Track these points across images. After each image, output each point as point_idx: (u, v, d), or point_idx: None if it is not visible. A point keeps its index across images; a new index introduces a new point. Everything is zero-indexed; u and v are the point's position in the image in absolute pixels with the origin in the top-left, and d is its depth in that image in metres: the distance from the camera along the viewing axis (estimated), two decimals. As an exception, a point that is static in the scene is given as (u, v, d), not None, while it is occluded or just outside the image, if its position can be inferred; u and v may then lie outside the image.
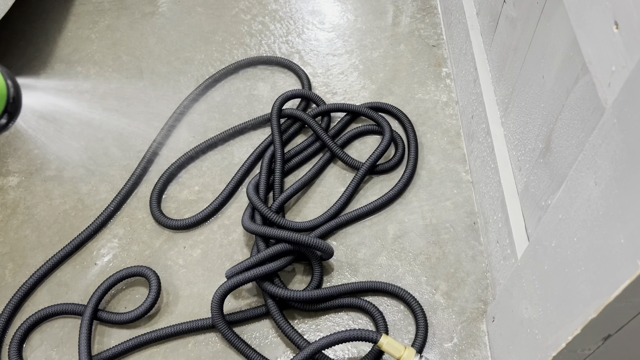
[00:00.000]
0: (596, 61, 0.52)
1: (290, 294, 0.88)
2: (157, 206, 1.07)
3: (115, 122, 1.23)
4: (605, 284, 0.46)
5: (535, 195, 0.76)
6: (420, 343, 0.86)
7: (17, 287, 0.98)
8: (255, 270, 0.89)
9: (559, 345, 0.56)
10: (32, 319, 0.92)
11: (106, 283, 0.94)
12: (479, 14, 1.10)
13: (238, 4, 1.48)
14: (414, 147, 1.09)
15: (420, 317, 0.88)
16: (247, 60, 1.30)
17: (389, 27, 1.39)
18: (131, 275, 0.95)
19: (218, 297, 0.88)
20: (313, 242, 0.89)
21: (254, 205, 0.98)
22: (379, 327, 0.87)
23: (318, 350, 0.83)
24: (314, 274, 0.93)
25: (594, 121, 0.58)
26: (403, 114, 1.15)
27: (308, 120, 1.11)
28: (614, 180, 0.45)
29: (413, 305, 0.90)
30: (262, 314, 0.92)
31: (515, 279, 0.72)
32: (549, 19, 0.72)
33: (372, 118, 1.13)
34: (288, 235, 0.90)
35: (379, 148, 1.07)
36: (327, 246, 0.91)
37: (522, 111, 0.83)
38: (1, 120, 0.48)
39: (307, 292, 0.89)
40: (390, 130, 1.09)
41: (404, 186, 1.05)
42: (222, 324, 0.88)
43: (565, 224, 0.55)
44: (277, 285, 0.90)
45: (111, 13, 1.48)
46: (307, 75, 1.25)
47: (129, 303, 0.96)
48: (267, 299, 0.91)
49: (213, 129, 1.19)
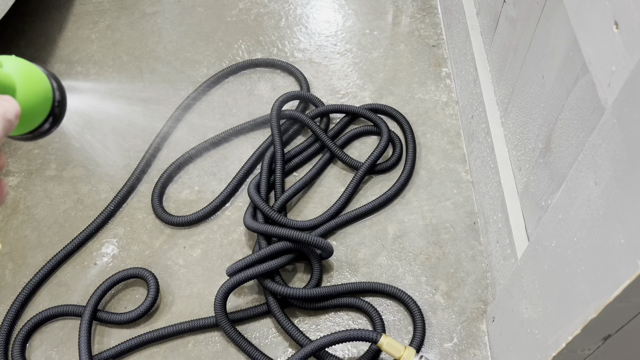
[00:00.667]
0: (596, 61, 0.52)
1: (289, 291, 0.88)
2: (159, 203, 1.07)
3: (115, 122, 1.23)
4: (605, 284, 0.46)
5: (535, 195, 0.76)
6: (419, 341, 0.86)
7: (17, 286, 0.98)
8: (258, 268, 0.89)
9: (559, 345, 0.56)
10: (32, 321, 0.92)
11: (104, 285, 0.94)
12: (479, 14, 1.10)
13: (238, 3, 1.48)
14: (412, 146, 1.10)
15: (417, 316, 0.88)
16: (245, 63, 1.29)
17: (389, 27, 1.39)
18: (129, 277, 0.96)
19: (221, 294, 0.88)
20: (313, 239, 0.90)
21: (255, 204, 0.98)
22: (376, 327, 0.87)
23: (317, 350, 0.83)
24: (313, 272, 0.93)
25: (594, 121, 0.58)
26: (400, 114, 1.15)
27: (307, 122, 1.11)
28: (614, 180, 0.45)
29: (408, 303, 0.90)
30: (263, 312, 0.92)
31: (515, 279, 0.72)
32: (549, 19, 0.72)
33: (369, 119, 1.13)
34: (288, 233, 0.90)
35: (378, 148, 1.07)
36: (326, 244, 0.91)
37: (522, 111, 0.83)
38: (45, 124, 0.46)
39: (303, 290, 0.89)
40: (388, 130, 1.10)
41: (402, 185, 1.05)
42: (226, 321, 0.88)
43: (565, 224, 0.55)
44: (278, 283, 0.91)
45: (111, 13, 1.49)
46: (305, 77, 1.25)
47: (129, 303, 0.96)
48: (268, 296, 0.91)
49: (213, 129, 1.19)
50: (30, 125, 0.45)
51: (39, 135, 0.47)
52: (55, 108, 0.46)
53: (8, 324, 0.92)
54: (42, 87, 0.45)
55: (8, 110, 0.39)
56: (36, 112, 0.45)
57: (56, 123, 0.48)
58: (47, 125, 0.46)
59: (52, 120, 0.46)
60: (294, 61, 1.32)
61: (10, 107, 0.39)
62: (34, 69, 0.45)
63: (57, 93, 0.47)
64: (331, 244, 1.00)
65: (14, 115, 0.40)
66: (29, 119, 0.44)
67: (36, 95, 0.44)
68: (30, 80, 0.44)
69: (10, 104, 0.40)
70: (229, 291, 0.88)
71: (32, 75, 0.45)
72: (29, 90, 0.44)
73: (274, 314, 0.90)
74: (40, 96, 0.45)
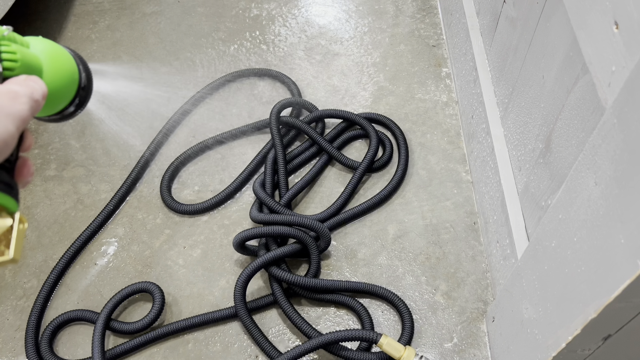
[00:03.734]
0: (596, 61, 0.52)
1: (294, 278, 0.90)
2: (167, 192, 1.09)
3: (116, 122, 1.23)
4: (605, 284, 0.46)
5: (535, 195, 0.76)
6: (408, 335, 0.87)
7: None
8: (273, 252, 0.91)
9: (559, 345, 0.56)
10: (53, 324, 0.92)
11: (114, 299, 0.92)
12: (479, 14, 1.10)
13: (238, 4, 1.48)
14: (404, 148, 1.11)
15: (404, 311, 0.89)
16: (236, 73, 1.28)
17: (389, 27, 1.39)
18: (136, 292, 0.94)
19: (242, 281, 0.90)
20: (314, 224, 0.92)
21: (262, 200, 1.00)
22: (365, 325, 0.88)
23: (316, 348, 0.83)
24: (311, 264, 0.94)
25: (594, 121, 0.58)
26: (389, 120, 1.16)
27: (304, 127, 1.12)
28: (614, 180, 0.45)
29: (394, 301, 0.91)
30: (270, 303, 0.93)
31: (515, 279, 0.72)
32: (549, 19, 0.72)
33: (357, 123, 1.14)
34: (292, 219, 0.93)
35: (370, 150, 1.08)
36: (326, 230, 0.93)
37: (522, 111, 0.83)
38: (70, 107, 0.46)
39: (302, 278, 0.91)
40: (375, 132, 1.11)
41: (399, 181, 1.06)
42: (244, 311, 0.89)
43: (565, 224, 0.55)
44: (283, 269, 0.92)
45: (111, 13, 1.49)
46: (296, 85, 1.24)
47: (135, 309, 0.96)
48: (274, 283, 0.92)
49: (213, 129, 1.19)
50: (56, 107, 0.45)
51: (65, 117, 0.47)
52: (81, 90, 0.46)
53: (34, 324, 0.93)
54: (68, 69, 0.45)
55: (35, 91, 0.39)
56: (62, 93, 0.45)
57: (82, 105, 0.47)
58: (72, 108, 0.46)
59: (77, 102, 0.46)
60: (293, 61, 1.32)
61: (37, 87, 0.39)
62: (62, 50, 0.45)
63: (83, 75, 0.46)
64: (331, 244, 1.00)
65: (41, 96, 0.39)
66: (55, 100, 0.44)
67: (63, 76, 0.44)
68: (58, 61, 0.44)
69: (38, 85, 0.40)
70: (249, 278, 0.90)
71: (59, 56, 0.45)
72: (56, 72, 0.44)
73: (279, 304, 0.91)
74: (67, 78, 0.45)
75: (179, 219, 1.07)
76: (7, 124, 0.36)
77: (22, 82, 0.39)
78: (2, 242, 0.37)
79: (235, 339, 0.91)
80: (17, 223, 0.37)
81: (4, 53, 0.39)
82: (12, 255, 0.37)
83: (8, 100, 0.36)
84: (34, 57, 0.42)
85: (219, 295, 0.96)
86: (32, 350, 0.89)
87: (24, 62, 0.41)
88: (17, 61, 0.40)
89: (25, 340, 0.90)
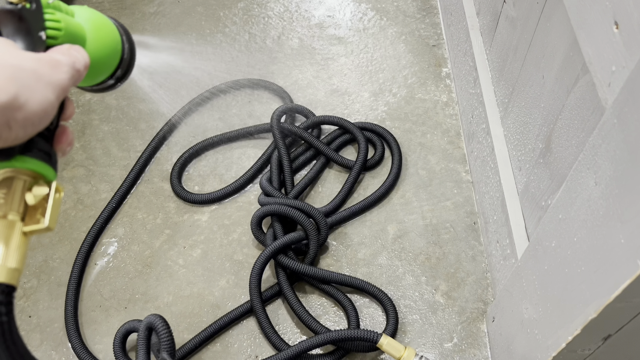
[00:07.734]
0: (596, 61, 0.52)
1: (298, 266, 0.91)
2: (178, 181, 1.10)
3: (115, 122, 1.23)
4: (605, 284, 0.46)
5: (535, 195, 0.76)
6: (392, 326, 0.87)
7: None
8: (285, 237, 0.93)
9: (559, 345, 0.56)
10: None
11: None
12: (479, 14, 1.10)
13: (238, 4, 1.48)
14: (397, 149, 1.11)
15: (387, 304, 0.90)
16: (227, 84, 1.28)
17: (389, 27, 1.39)
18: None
19: (258, 267, 0.91)
20: (314, 211, 0.94)
21: (269, 193, 1.01)
22: (351, 322, 0.88)
23: (315, 347, 0.83)
24: (309, 252, 0.95)
25: (594, 121, 0.58)
26: (377, 125, 1.15)
27: (301, 134, 1.12)
28: (614, 180, 0.45)
29: (376, 294, 0.91)
30: (275, 294, 0.94)
31: (515, 279, 0.72)
32: (549, 19, 0.72)
33: (343, 127, 1.13)
34: (295, 204, 0.95)
35: (360, 149, 1.09)
36: (324, 219, 0.95)
37: (522, 111, 0.83)
38: (110, 80, 0.45)
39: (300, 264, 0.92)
40: (362, 134, 1.10)
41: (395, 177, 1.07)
42: (258, 300, 0.90)
43: (565, 224, 0.55)
44: (290, 258, 0.93)
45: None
46: (288, 94, 1.24)
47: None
48: (280, 272, 0.93)
49: (213, 129, 1.19)
50: (97, 78, 0.44)
51: (105, 89, 0.46)
52: (123, 62, 0.45)
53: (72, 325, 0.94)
54: (112, 40, 0.44)
55: (77, 60, 0.39)
56: (105, 65, 0.44)
57: (123, 78, 0.46)
58: (112, 81, 0.45)
59: (119, 74, 0.46)
60: (293, 61, 1.32)
61: (80, 57, 0.39)
62: (107, 21, 0.45)
63: (126, 46, 0.46)
64: (331, 244, 1.00)
65: (83, 66, 0.39)
66: (97, 71, 0.44)
67: (106, 48, 0.43)
68: (102, 32, 0.43)
69: (80, 54, 0.39)
70: (264, 265, 0.91)
71: (104, 27, 0.44)
72: (100, 43, 0.43)
73: (284, 295, 0.92)
74: (110, 49, 0.44)
75: (178, 219, 1.07)
76: (47, 93, 0.35)
77: (65, 51, 0.38)
78: (38, 210, 0.37)
79: (235, 339, 0.91)
80: (53, 192, 0.37)
81: (48, 21, 0.38)
82: (47, 223, 0.36)
83: (49, 68, 0.36)
84: (78, 27, 0.41)
85: (219, 295, 0.96)
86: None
87: (68, 31, 0.40)
88: (61, 30, 0.39)
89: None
